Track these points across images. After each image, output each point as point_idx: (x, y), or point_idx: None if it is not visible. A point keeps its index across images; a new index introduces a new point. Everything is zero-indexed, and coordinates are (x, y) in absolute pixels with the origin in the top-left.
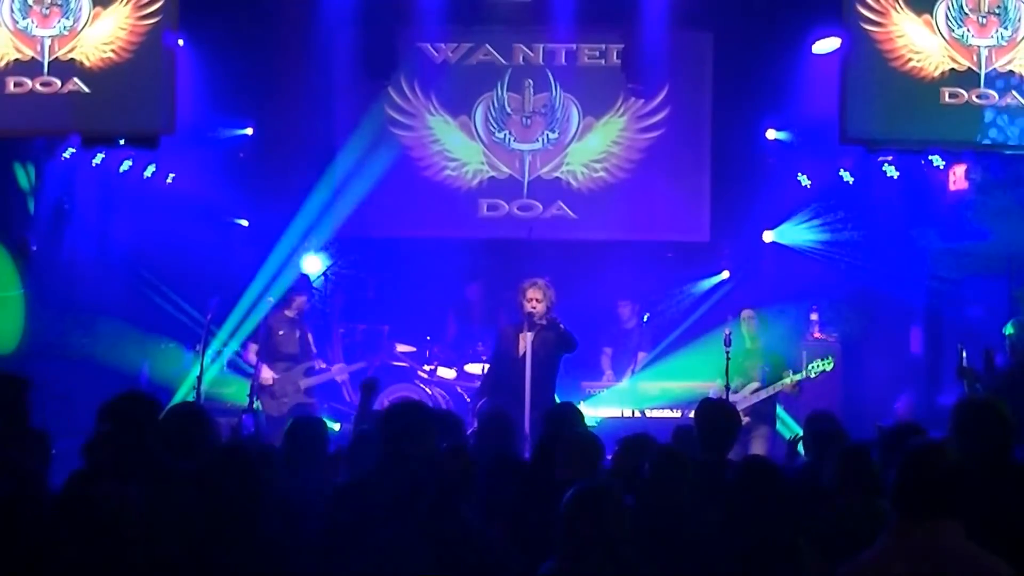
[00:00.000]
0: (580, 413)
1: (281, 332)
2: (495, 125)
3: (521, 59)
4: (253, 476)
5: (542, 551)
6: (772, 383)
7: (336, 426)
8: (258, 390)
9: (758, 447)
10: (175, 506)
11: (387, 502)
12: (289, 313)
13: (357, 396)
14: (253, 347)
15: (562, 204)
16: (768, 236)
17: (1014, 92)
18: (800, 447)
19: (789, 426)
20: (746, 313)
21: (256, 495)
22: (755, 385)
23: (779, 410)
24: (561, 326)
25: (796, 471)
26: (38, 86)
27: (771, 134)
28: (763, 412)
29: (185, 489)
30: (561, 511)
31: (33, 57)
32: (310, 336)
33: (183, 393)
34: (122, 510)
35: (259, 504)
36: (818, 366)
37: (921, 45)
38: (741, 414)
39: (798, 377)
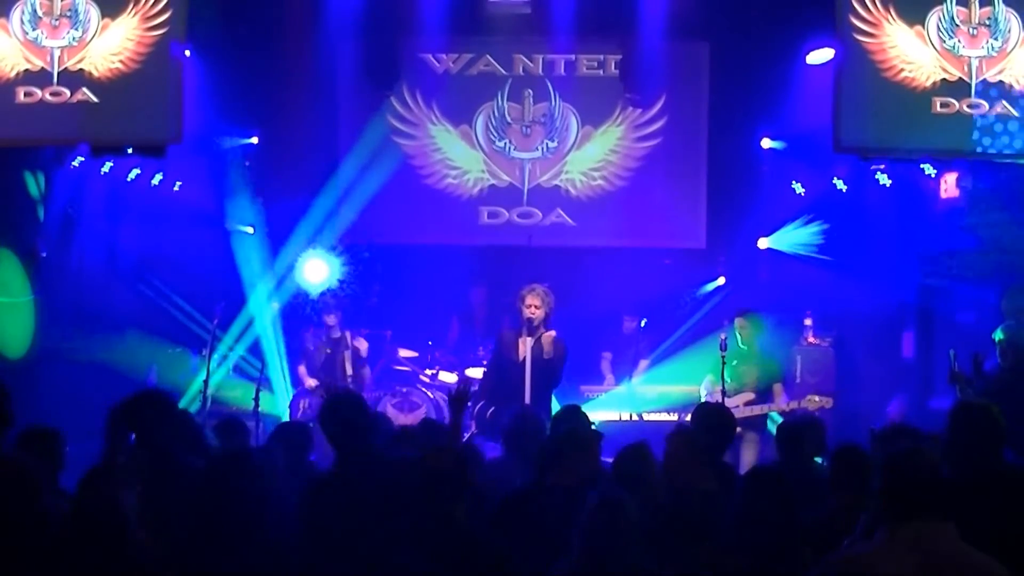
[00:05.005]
0: (582, 414)
1: (324, 356)
2: (495, 134)
3: (521, 69)
4: (257, 477)
5: (542, 552)
6: (765, 394)
7: None
8: (307, 394)
9: (749, 452)
10: (183, 503)
11: (363, 501)
12: (334, 336)
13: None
14: (303, 371)
15: (561, 211)
16: (763, 243)
17: (1004, 102)
18: None
19: None
20: (738, 322)
21: (257, 496)
22: (749, 396)
23: (771, 413)
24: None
25: None
26: (47, 96)
27: (766, 143)
28: (754, 419)
29: (193, 486)
30: (584, 516)
31: (43, 67)
32: (347, 355)
33: (190, 397)
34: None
35: (261, 505)
36: (817, 401)
37: (913, 56)
38: None
39: (794, 405)
